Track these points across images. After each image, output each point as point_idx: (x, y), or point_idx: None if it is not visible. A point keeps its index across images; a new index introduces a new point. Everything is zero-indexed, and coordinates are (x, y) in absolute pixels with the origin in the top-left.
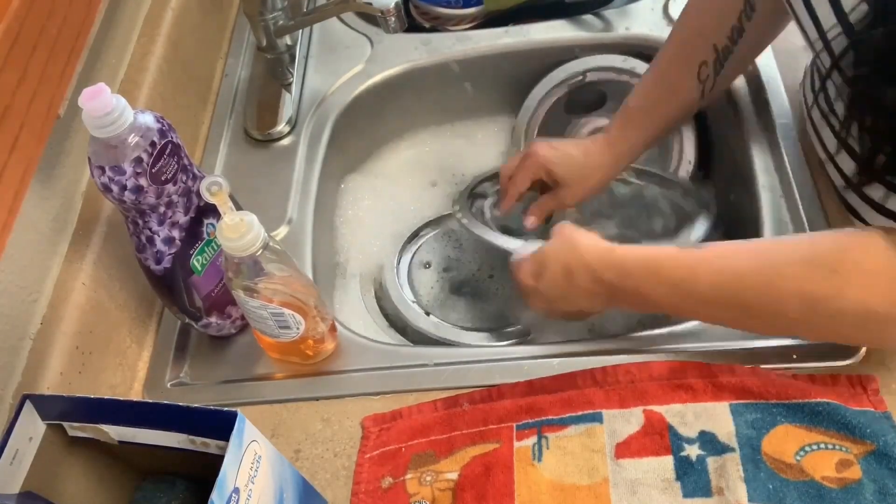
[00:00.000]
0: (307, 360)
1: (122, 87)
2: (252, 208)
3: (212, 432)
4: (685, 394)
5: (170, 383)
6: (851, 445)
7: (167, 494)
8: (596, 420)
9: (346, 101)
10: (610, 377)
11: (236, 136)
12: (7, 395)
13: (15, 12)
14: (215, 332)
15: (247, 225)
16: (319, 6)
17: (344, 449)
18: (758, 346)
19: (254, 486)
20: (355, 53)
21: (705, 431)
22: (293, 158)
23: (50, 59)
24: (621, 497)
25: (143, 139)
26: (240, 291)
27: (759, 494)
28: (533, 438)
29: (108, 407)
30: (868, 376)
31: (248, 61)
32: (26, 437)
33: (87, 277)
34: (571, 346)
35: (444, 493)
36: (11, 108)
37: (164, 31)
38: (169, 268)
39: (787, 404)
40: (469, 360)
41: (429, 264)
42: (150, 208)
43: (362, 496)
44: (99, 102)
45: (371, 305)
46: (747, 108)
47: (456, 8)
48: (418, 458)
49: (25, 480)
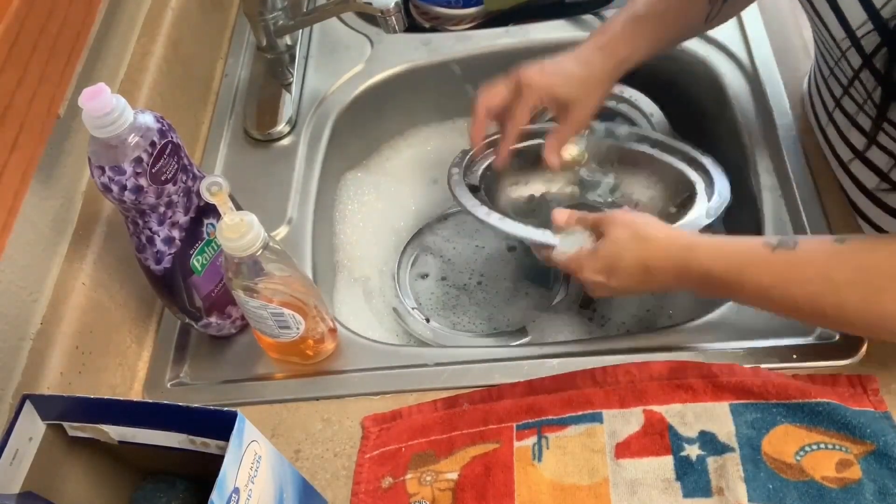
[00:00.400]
0: (307, 360)
1: (122, 87)
2: (252, 208)
3: (212, 432)
4: (685, 394)
5: (170, 383)
6: (851, 445)
7: (167, 494)
8: (596, 420)
9: (346, 101)
10: (610, 377)
11: (236, 136)
12: (7, 395)
13: (15, 12)
14: (215, 332)
15: (247, 225)
16: (319, 6)
17: (344, 449)
18: (758, 346)
19: (254, 486)
20: (355, 53)
21: (705, 431)
22: (293, 158)
23: (50, 59)
24: (621, 497)
25: (143, 139)
26: (240, 291)
27: (759, 494)
28: (533, 438)
29: (108, 407)
30: (868, 376)
31: (248, 61)
32: (26, 437)
33: (87, 277)
34: (571, 346)
35: (444, 493)
36: (11, 108)
37: (164, 31)
38: (169, 268)
39: (787, 404)
40: (469, 360)
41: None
42: (150, 208)
43: (362, 496)
44: (99, 102)
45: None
46: (747, 108)
47: (456, 8)
48: (418, 458)
49: (25, 480)
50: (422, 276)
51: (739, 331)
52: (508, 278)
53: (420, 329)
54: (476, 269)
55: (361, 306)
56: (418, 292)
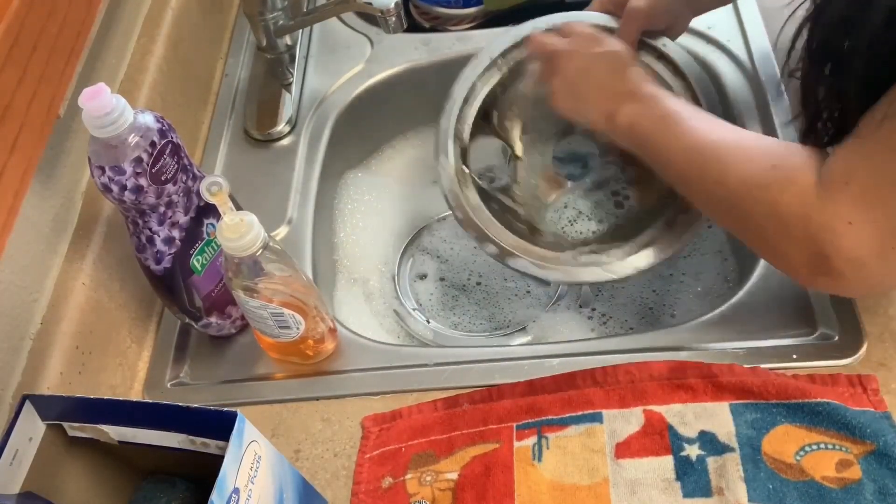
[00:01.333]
0: (307, 360)
1: (122, 87)
2: (252, 208)
3: (212, 432)
4: (685, 394)
5: (170, 383)
6: (851, 445)
7: (167, 494)
8: (596, 420)
9: (346, 101)
10: (610, 377)
11: (236, 136)
12: (7, 395)
13: (15, 12)
14: (215, 332)
15: (247, 225)
16: (319, 6)
17: (344, 449)
18: (758, 346)
19: (254, 486)
20: (355, 53)
21: (705, 431)
22: (293, 158)
23: (50, 59)
24: (621, 497)
25: (143, 139)
26: (240, 291)
27: (759, 494)
28: (533, 438)
29: (108, 407)
30: (868, 376)
31: (248, 61)
32: (26, 437)
33: (87, 277)
34: (571, 346)
35: (444, 493)
36: (11, 108)
37: (164, 31)
38: (169, 268)
39: (787, 404)
40: (469, 360)
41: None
42: (150, 208)
43: (362, 496)
44: (99, 102)
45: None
46: (748, 108)
47: (456, 8)
48: (418, 458)
49: (25, 480)
50: (421, 277)
51: (739, 331)
52: (508, 278)
53: (420, 329)
54: (475, 269)
55: (361, 306)
56: (418, 293)
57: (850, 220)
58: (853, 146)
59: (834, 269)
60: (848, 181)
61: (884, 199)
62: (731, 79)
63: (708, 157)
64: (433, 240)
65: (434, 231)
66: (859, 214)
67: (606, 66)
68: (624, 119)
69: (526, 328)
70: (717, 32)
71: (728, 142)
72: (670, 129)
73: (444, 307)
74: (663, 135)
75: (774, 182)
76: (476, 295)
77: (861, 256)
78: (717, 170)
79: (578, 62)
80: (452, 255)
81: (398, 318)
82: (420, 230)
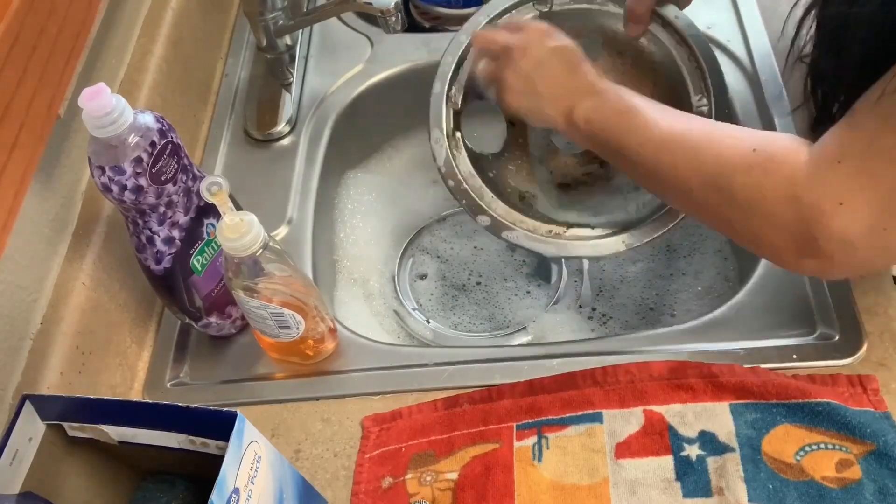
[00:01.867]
0: (307, 360)
1: (122, 87)
2: (252, 208)
3: (212, 432)
4: (685, 394)
5: (170, 383)
6: (851, 445)
7: (167, 494)
8: (596, 420)
9: (347, 101)
10: (610, 377)
11: (236, 136)
12: (7, 395)
13: (15, 12)
14: (215, 332)
15: (247, 225)
16: (319, 6)
17: (344, 449)
18: (758, 346)
19: (254, 486)
20: (355, 53)
21: (705, 431)
22: (293, 158)
23: (50, 59)
24: (621, 497)
25: (143, 139)
26: (240, 291)
27: (759, 494)
28: (533, 438)
29: (108, 407)
30: (868, 376)
31: (248, 61)
32: (26, 437)
33: (87, 277)
34: (571, 346)
35: (444, 493)
36: (11, 108)
37: (164, 31)
38: (169, 268)
39: (787, 404)
40: (469, 360)
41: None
42: (150, 208)
43: (362, 496)
44: (99, 102)
45: (371, 305)
46: (747, 107)
47: (456, 8)
48: (418, 458)
49: (25, 480)
50: (420, 277)
51: (739, 331)
52: (508, 278)
53: (420, 329)
54: (475, 269)
55: (361, 306)
56: (418, 293)
57: (841, 199)
58: (847, 125)
59: (822, 251)
60: (840, 159)
61: (877, 178)
62: (731, 78)
63: (680, 146)
64: (433, 240)
65: (434, 231)
66: (851, 194)
67: (561, 60)
68: (583, 114)
69: (526, 328)
70: (717, 32)
71: (700, 130)
72: (635, 121)
73: (443, 307)
74: (628, 128)
75: (757, 165)
76: (476, 295)
77: (851, 238)
78: (692, 157)
79: (532, 57)
80: (452, 255)
81: (398, 318)
82: (420, 230)
